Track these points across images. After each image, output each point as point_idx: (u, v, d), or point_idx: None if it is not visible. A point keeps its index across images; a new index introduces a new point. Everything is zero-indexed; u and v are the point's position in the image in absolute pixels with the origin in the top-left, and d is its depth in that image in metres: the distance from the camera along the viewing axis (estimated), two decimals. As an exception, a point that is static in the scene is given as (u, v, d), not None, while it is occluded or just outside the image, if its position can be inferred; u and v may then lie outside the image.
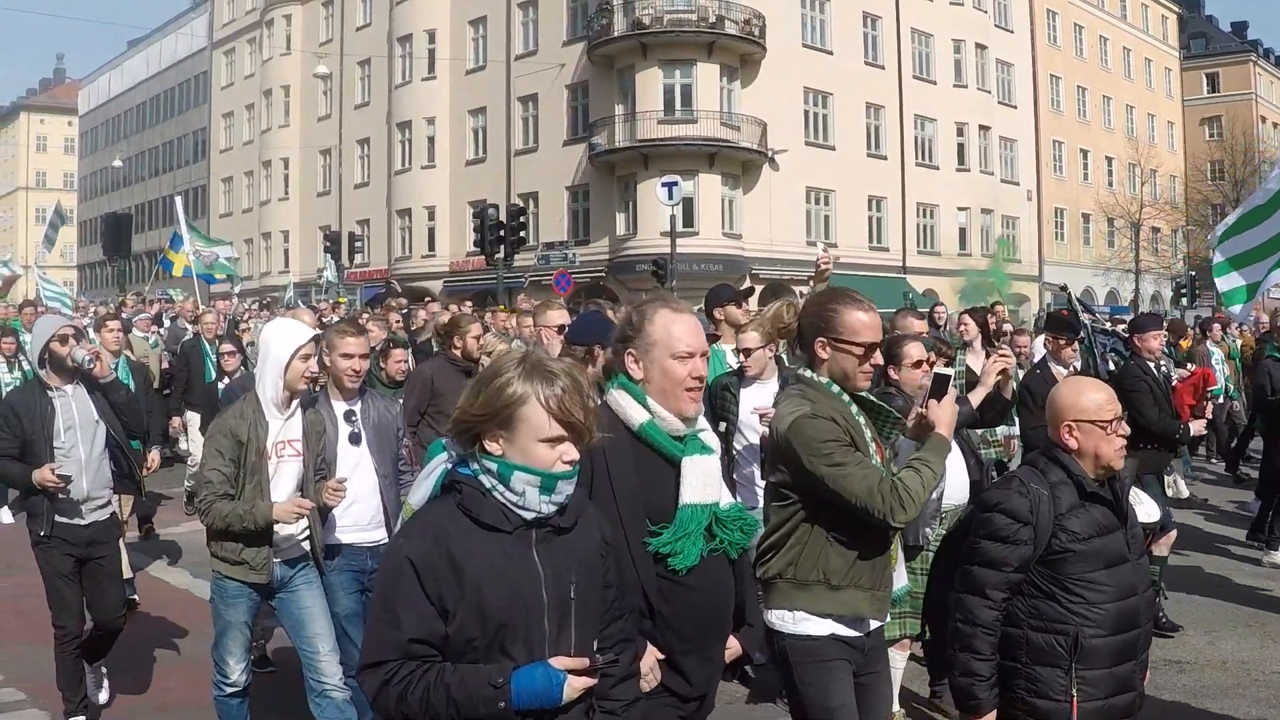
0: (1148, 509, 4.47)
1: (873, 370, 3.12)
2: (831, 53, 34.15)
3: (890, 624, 3.79)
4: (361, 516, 4.41)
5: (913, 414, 3.40)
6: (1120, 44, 49.66)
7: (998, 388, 4.89)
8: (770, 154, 31.57)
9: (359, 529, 4.43)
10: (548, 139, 34.49)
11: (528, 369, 2.19)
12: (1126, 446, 3.06)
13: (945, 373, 3.23)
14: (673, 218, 24.64)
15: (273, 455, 4.09)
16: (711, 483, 2.76)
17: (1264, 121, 54.50)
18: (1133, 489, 4.07)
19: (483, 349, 6.10)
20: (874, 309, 3.11)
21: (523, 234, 22.93)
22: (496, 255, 21.17)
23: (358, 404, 4.52)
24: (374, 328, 8.20)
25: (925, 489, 2.92)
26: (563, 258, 32.14)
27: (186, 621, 6.52)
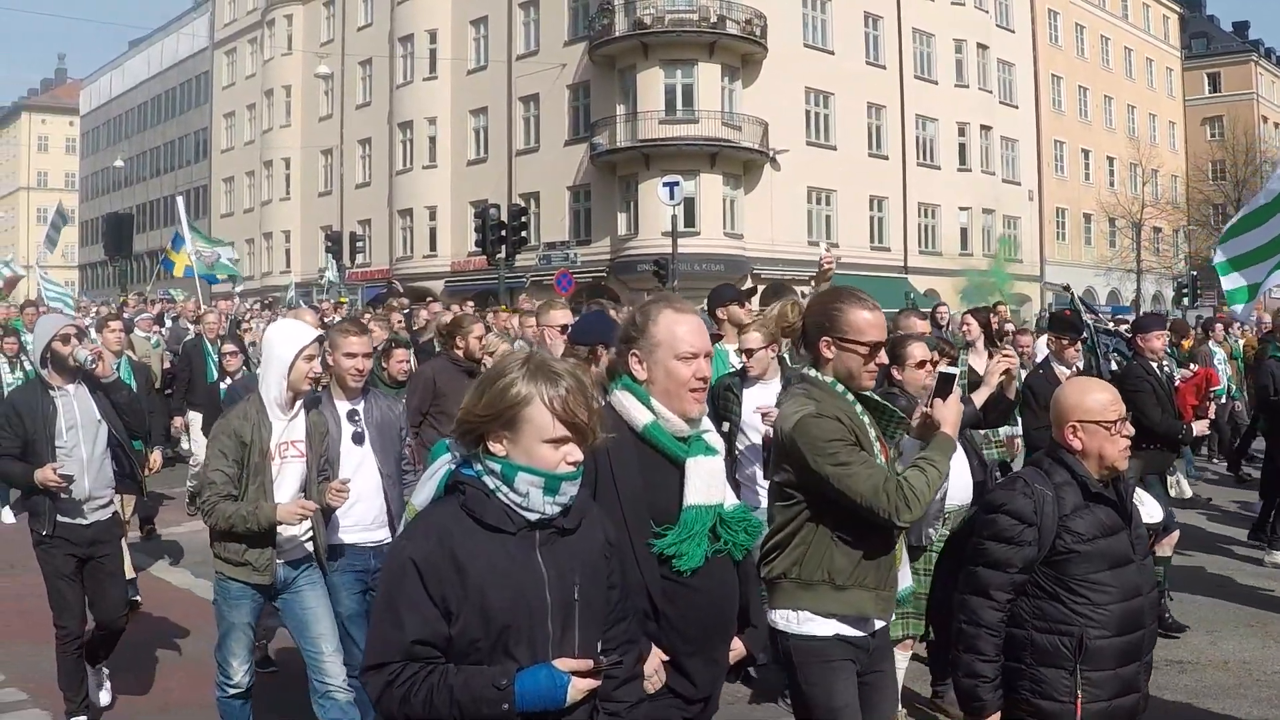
0: (1150, 509, 4.46)
1: (878, 370, 3.11)
2: (833, 53, 34.12)
3: (894, 624, 3.78)
4: (365, 516, 4.40)
5: (917, 413, 3.40)
6: (1122, 44, 49.63)
7: (1001, 388, 4.88)
8: (771, 154, 31.54)
9: (362, 529, 4.41)
10: (549, 139, 34.46)
11: (532, 369, 2.18)
12: (1129, 447, 3.05)
13: (950, 372, 3.22)
14: (674, 218, 24.66)
15: (276, 456, 4.08)
16: (716, 484, 2.74)
17: (1265, 121, 54.48)
18: (1136, 489, 4.06)
19: (485, 349, 6.10)
20: (879, 308, 3.10)
21: (524, 234, 22.95)
22: (498, 255, 21.17)
23: (361, 404, 4.51)
24: (376, 328, 8.18)
25: (931, 488, 2.92)
26: (564, 258, 32.13)
27: (188, 622, 6.52)
